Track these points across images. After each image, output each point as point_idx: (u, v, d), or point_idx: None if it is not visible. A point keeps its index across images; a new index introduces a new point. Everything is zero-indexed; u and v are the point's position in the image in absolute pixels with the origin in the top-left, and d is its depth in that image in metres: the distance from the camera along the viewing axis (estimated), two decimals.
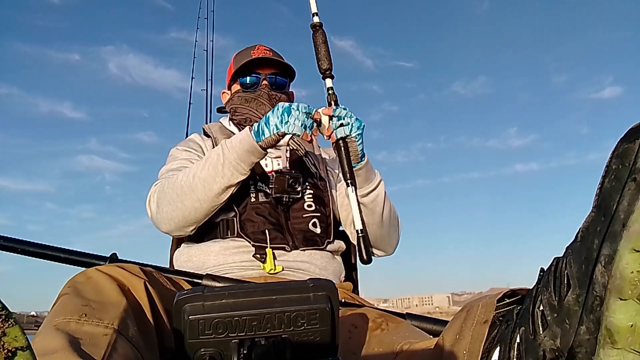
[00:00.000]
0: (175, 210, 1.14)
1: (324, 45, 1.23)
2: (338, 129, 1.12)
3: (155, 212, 1.18)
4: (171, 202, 1.14)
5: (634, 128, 0.47)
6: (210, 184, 1.11)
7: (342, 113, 1.13)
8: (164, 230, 1.20)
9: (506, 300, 0.66)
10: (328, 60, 1.23)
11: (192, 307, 0.62)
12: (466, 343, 0.66)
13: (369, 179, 1.20)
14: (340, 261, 1.29)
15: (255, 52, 1.35)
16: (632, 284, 0.44)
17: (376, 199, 1.20)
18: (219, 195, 1.12)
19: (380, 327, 0.94)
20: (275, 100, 1.33)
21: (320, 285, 0.65)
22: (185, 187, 1.13)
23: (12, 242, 1.20)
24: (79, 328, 0.71)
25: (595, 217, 0.50)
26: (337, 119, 1.13)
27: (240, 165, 1.11)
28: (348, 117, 1.13)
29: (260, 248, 1.15)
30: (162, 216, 1.16)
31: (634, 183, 0.45)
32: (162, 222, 1.17)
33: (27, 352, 0.40)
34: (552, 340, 0.53)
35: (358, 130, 1.13)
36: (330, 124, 1.13)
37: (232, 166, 1.11)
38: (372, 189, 1.20)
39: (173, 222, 1.16)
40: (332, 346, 0.65)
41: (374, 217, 1.21)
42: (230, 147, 1.12)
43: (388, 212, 1.24)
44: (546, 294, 0.55)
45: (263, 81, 1.33)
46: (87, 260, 1.17)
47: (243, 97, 1.34)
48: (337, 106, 1.16)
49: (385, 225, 1.23)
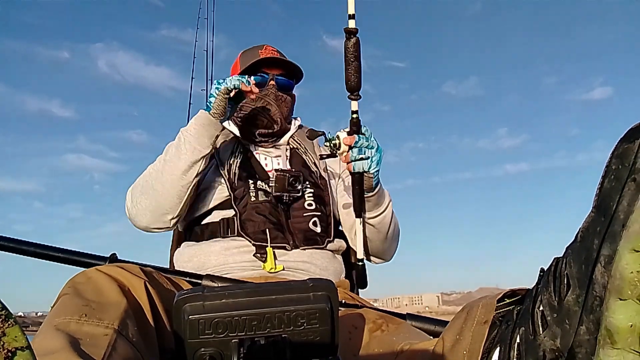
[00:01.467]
0: (148, 199, 1.17)
1: (356, 60, 1.04)
2: (357, 163, 1.09)
3: (131, 206, 1.21)
4: (143, 192, 1.18)
5: (633, 128, 0.47)
6: (176, 163, 1.15)
7: (364, 144, 1.09)
8: (142, 224, 1.21)
9: (506, 300, 0.66)
10: (358, 79, 1.05)
11: (192, 307, 0.62)
12: (466, 343, 0.66)
13: (379, 204, 1.22)
14: (341, 260, 1.29)
15: (263, 52, 1.35)
16: (632, 284, 0.44)
17: (383, 220, 1.24)
18: (186, 173, 1.15)
19: (381, 328, 0.94)
20: (282, 101, 1.33)
21: (320, 285, 0.65)
22: (153, 173, 1.18)
23: (12, 242, 1.20)
24: (79, 328, 0.71)
25: (595, 217, 0.50)
26: (357, 150, 1.08)
27: (199, 139, 1.16)
28: (369, 150, 1.09)
29: (261, 247, 1.15)
30: (137, 209, 1.19)
31: (634, 183, 0.45)
32: (138, 215, 1.20)
33: (27, 352, 0.40)
34: (552, 340, 0.53)
35: (377, 167, 1.11)
36: (349, 153, 1.08)
37: (192, 141, 1.15)
38: (380, 213, 1.23)
39: (148, 211, 1.18)
40: (332, 346, 0.65)
41: (379, 235, 1.26)
42: (188, 127, 1.18)
43: (392, 229, 1.29)
44: (546, 294, 0.55)
45: (270, 81, 1.33)
46: (87, 260, 1.17)
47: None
48: (359, 136, 1.09)
49: (388, 240, 1.29)
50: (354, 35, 1.04)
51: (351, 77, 1.05)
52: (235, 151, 1.30)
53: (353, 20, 1.04)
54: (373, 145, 1.11)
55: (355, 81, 1.06)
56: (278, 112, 1.31)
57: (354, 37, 1.04)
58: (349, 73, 1.05)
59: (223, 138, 1.33)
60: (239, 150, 1.30)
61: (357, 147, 1.09)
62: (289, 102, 1.35)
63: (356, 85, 1.07)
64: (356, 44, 1.04)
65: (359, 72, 1.06)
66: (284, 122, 1.34)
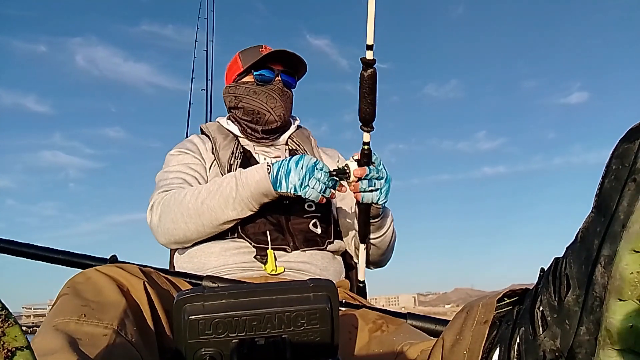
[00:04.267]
0: (177, 229, 1.15)
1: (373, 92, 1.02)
2: (366, 194, 1.09)
3: (157, 224, 1.18)
4: (175, 221, 1.15)
5: (633, 128, 0.47)
6: (218, 214, 1.12)
7: (375, 176, 1.09)
8: (162, 242, 1.21)
9: (506, 300, 0.66)
10: (372, 111, 1.03)
11: (192, 307, 0.62)
12: (466, 343, 0.66)
13: (382, 227, 1.25)
14: (341, 261, 1.29)
15: (263, 50, 1.36)
16: (632, 285, 0.44)
17: (384, 239, 1.27)
18: (224, 225, 1.14)
19: (381, 328, 0.94)
20: (286, 96, 1.34)
21: (321, 285, 0.65)
22: (191, 210, 1.12)
23: (13, 244, 1.20)
24: (79, 328, 0.71)
25: (595, 217, 0.50)
26: (367, 182, 1.09)
27: (251, 204, 1.11)
28: (379, 182, 1.10)
29: (261, 249, 1.15)
30: (162, 230, 1.17)
31: (634, 183, 0.45)
32: (162, 235, 1.19)
33: (26, 352, 0.40)
34: (552, 340, 0.53)
35: (385, 199, 1.12)
36: (359, 184, 1.08)
37: (243, 203, 1.11)
38: (382, 234, 1.26)
39: (173, 238, 1.17)
40: (332, 346, 0.65)
41: (379, 251, 1.30)
42: (245, 184, 1.11)
43: (392, 244, 1.33)
44: (546, 295, 0.55)
45: (277, 77, 1.34)
46: (86, 262, 1.17)
47: (252, 89, 1.34)
48: (369, 168, 1.08)
49: (386, 253, 1.33)
50: (371, 67, 1.01)
51: (366, 110, 1.03)
52: (235, 151, 1.30)
53: (371, 51, 1.01)
54: (382, 176, 1.11)
55: (370, 113, 1.03)
56: (282, 107, 1.32)
57: (371, 69, 1.01)
58: (363, 105, 1.03)
59: (223, 138, 1.33)
60: (239, 151, 1.30)
61: (367, 179, 1.08)
62: (291, 98, 1.37)
63: (370, 118, 1.05)
64: (373, 76, 1.01)
65: (374, 105, 1.03)
66: (286, 117, 1.35)
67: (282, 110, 1.32)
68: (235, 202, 1.10)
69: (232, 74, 1.40)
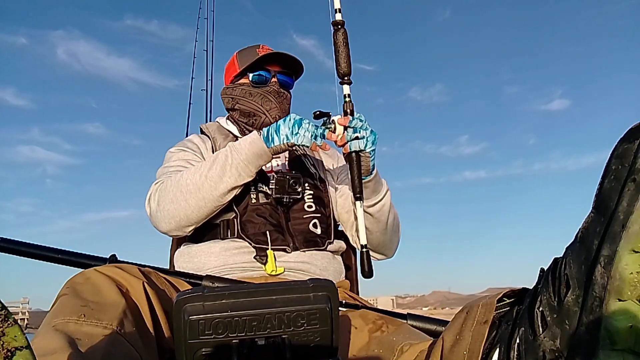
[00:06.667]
0: (177, 209, 1.14)
1: (345, 47, 1.13)
2: (352, 142, 1.10)
3: (155, 210, 1.17)
4: (174, 200, 1.14)
5: (633, 128, 0.47)
6: (217, 184, 1.11)
7: (359, 125, 1.11)
8: (163, 229, 1.19)
9: (506, 300, 0.66)
10: (348, 65, 1.13)
11: (192, 307, 0.62)
12: (466, 343, 0.66)
13: (377, 191, 1.21)
14: (341, 261, 1.29)
15: (260, 50, 1.36)
16: (632, 285, 0.44)
17: (382, 209, 1.23)
18: (224, 195, 1.13)
19: (381, 328, 0.94)
20: (283, 98, 1.34)
21: (321, 285, 0.65)
22: (190, 185, 1.13)
23: (12, 243, 1.19)
24: (78, 328, 0.71)
25: (594, 217, 0.50)
26: (352, 130, 1.10)
27: (247, 167, 1.11)
28: (364, 130, 1.11)
29: (261, 250, 1.15)
30: (162, 214, 1.16)
31: (634, 184, 0.46)
32: (162, 221, 1.16)
33: (26, 352, 0.40)
34: (552, 340, 0.53)
35: (373, 146, 1.12)
36: (345, 134, 1.11)
37: (239, 167, 1.11)
38: (378, 200, 1.22)
39: (174, 220, 1.15)
40: (332, 346, 0.65)
41: (379, 225, 1.24)
42: (239, 149, 1.12)
43: (392, 220, 1.26)
44: (546, 295, 0.55)
45: (272, 78, 1.34)
46: (86, 261, 1.17)
47: (248, 90, 1.34)
48: (353, 116, 1.12)
49: (388, 232, 1.27)
50: (342, 26, 1.14)
51: (342, 63, 1.13)
52: None
53: (339, 13, 1.14)
54: (367, 127, 1.13)
55: (346, 66, 1.13)
56: (278, 109, 1.32)
57: (342, 28, 1.14)
58: (340, 59, 1.13)
59: (223, 138, 1.33)
60: None
61: (352, 127, 1.11)
62: (289, 99, 1.37)
63: (347, 70, 1.14)
64: (344, 33, 1.14)
65: (349, 58, 1.13)
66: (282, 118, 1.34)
67: (278, 111, 1.32)
68: (231, 168, 1.11)
69: (229, 75, 1.41)
